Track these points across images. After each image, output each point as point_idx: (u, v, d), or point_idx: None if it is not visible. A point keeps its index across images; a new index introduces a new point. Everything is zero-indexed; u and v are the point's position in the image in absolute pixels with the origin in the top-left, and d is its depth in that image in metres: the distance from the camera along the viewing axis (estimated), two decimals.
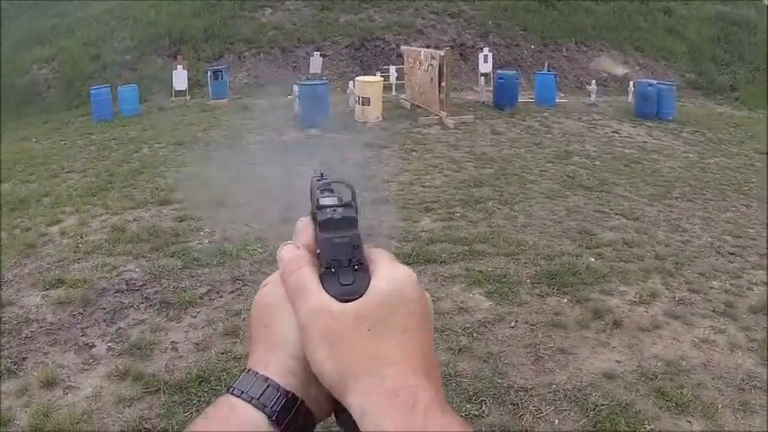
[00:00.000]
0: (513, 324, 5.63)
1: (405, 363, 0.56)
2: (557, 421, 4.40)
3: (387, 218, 8.29)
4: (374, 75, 17.61)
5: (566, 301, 6.08)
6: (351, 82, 16.01)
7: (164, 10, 22.52)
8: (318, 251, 0.62)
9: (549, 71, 18.09)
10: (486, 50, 18.48)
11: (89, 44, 21.40)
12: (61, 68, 20.96)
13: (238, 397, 0.58)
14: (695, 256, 7.43)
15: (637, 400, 4.65)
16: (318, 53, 18.99)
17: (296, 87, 15.26)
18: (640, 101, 16.21)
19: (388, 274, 0.60)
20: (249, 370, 0.61)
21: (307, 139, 13.07)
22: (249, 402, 0.58)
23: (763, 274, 7.17)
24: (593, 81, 18.39)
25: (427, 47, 18.21)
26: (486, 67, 17.93)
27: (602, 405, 4.54)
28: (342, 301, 0.58)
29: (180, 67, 17.87)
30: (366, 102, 14.67)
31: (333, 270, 0.59)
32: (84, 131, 14.97)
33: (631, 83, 18.04)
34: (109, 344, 5.17)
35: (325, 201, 0.64)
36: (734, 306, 6.24)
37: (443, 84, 14.29)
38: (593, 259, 7.03)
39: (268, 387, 0.58)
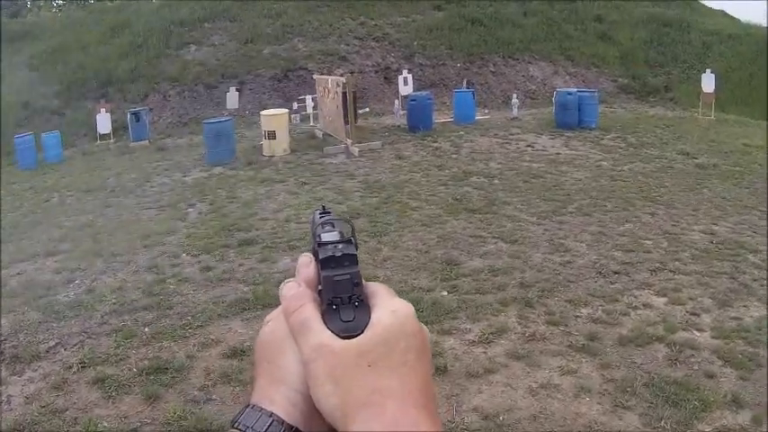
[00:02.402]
0: None
1: (405, 395, 0.54)
2: None
3: (247, 261, 7.66)
4: (292, 106, 17.03)
5: None
6: None
7: (92, 52, 22.02)
8: (320, 287, 0.60)
9: (467, 88, 17.47)
10: (405, 72, 17.82)
11: (20, 90, 20.72)
12: None
13: None
14: (570, 281, 6.72)
15: None
16: (234, 88, 18.40)
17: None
18: (560, 111, 15.60)
19: (388, 310, 0.58)
20: (253, 405, 0.59)
21: (207, 178, 12.67)
22: None
23: (648, 294, 6.50)
24: (514, 94, 17.75)
25: (351, 73, 17.60)
26: (406, 89, 17.21)
27: None
28: (343, 337, 0.56)
29: (103, 110, 17.48)
30: (272, 135, 14.06)
31: (334, 307, 0.58)
32: (7, 181, 14.50)
33: (555, 92, 17.42)
34: None
35: (327, 237, 0.62)
36: (598, 338, 5.53)
37: (349, 110, 13.64)
38: (445, 293, 6.30)
39: (272, 422, 0.57)
